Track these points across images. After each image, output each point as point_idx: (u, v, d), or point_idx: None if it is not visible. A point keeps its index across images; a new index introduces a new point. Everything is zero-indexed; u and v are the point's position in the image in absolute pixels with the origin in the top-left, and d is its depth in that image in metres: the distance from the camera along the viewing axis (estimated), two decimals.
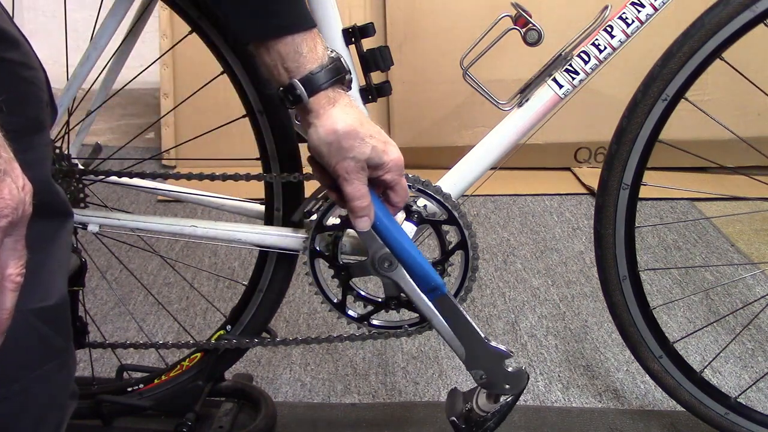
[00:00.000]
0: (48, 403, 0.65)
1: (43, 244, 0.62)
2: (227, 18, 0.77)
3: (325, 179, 0.83)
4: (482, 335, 0.96)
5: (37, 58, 0.63)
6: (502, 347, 0.96)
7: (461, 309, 0.95)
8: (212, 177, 1.00)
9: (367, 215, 0.82)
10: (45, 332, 0.64)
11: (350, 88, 0.81)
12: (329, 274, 1.00)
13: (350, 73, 0.80)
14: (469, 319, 0.95)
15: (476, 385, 0.99)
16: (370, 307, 1.01)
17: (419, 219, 0.95)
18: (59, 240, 0.66)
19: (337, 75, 0.77)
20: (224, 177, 1.00)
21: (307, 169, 1.01)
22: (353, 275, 0.98)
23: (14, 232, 0.49)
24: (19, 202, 0.49)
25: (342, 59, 0.78)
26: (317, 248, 0.98)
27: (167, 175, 1.06)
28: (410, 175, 0.94)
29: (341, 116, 0.77)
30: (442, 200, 0.95)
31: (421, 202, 0.96)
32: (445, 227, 0.96)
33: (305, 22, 0.75)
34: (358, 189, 0.79)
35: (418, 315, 1.00)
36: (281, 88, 0.77)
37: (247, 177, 1.01)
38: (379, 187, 0.83)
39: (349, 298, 1.01)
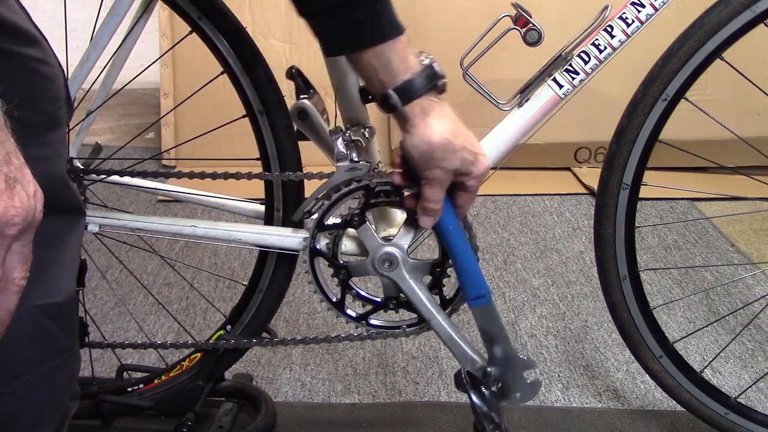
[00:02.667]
0: (49, 402, 0.65)
1: (53, 241, 0.62)
2: (316, 33, 0.77)
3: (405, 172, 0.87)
4: (513, 344, 0.98)
5: (56, 56, 0.63)
6: (528, 359, 0.99)
7: (501, 318, 0.98)
8: (213, 176, 1.00)
9: (435, 216, 0.85)
10: (50, 329, 0.64)
11: (443, 92, 0.82)
12: (329, 272, 1.00)
13: (444, 78, 0.81)
14: (505, 330, 0.98)
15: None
16: (368, 307, 1.01)
17: None
18: (70, 238, 0.66)
19: (431, 82, 0.78)
20: (225, 176, 1.00)
21: (308, 168, 1.02)
22: (353, 274, 0.98)
23: (23, 237, 0.49)
24: (29, 209, 0.49)
25: (435, 64, 0.79)
26: (317, 247, 0.98)
27: (167, 174, 1.06)
28: None
29: (436, 127, 0.78)
30: None
31: None
32: None
33: (390, 30, 0.75)
34: (436, 193, 0.82)
35: (416, 316, 1.00)
36: (379, 95, 0.78)
37: (249, 176, 1.01)
38: (454, 187, 0.85)
39: (348, 298, 1.01)
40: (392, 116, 0.81)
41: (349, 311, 1.01)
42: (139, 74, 1.18)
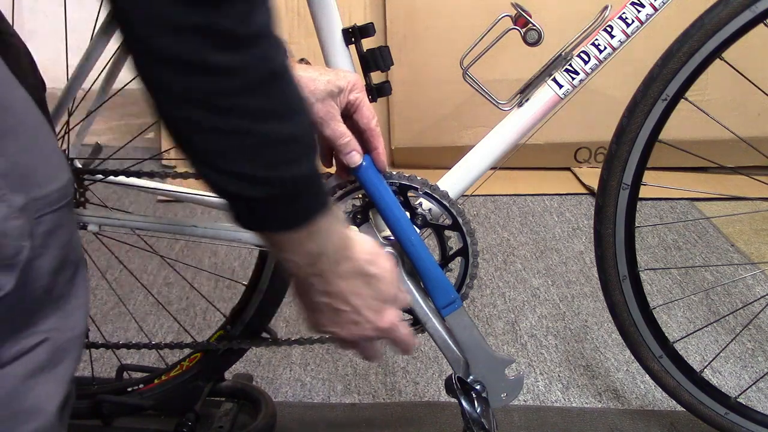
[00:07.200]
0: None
1: None
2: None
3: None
4: (489, 345, 0.98)
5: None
6: (505, 355, 0.99)
7: (473, 322, 0.97)
8: None
9: (353, 149, 0.86)
10: None
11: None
12: None
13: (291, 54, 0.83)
14: (478, 331, 0.97)
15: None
16: None
17: (423, 222, 0.94)
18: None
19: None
20: None
21: None
22: None
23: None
24: (392, 325, 0.74)
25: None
26: None
27: (167, 174, 1.06)
28: (419, 178, 0.94)
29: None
30: (448, 206, 0.94)
31: (426, 205, 0.95)
32: (447, 233, 0.96)
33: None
34: (335, 129, 0.84)
35: (411, 317, 1.00)
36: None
37: None
38: (348, 112, 0.86)
39: None
40: None
41: None
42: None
